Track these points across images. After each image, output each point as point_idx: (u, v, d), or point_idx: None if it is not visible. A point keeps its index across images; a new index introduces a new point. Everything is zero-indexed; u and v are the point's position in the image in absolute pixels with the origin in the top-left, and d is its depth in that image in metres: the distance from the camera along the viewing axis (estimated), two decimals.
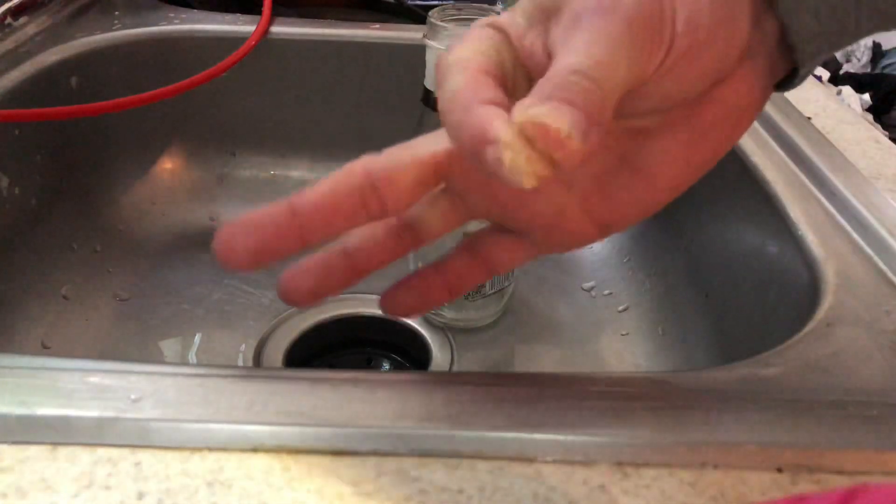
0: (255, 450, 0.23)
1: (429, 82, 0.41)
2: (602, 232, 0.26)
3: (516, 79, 0.23)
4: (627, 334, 0.50)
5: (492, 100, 0.20)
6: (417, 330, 0.48)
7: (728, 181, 0.44)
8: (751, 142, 0.45)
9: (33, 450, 0.23)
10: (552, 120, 0.18)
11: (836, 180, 0.40)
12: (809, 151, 0.43)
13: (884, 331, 0.29)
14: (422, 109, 0.42)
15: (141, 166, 0.58)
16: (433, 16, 0.39)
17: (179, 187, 0.60)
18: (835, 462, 0.24)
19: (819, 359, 0.28)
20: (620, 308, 0.51)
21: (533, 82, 0.20)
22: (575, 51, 0.20)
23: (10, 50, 0.51)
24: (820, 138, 0.45)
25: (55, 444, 0.23)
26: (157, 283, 0.52)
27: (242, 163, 0.62)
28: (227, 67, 0.52)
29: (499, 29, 0.23)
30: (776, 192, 0.40)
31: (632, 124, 0.24)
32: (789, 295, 0.36)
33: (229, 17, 0.60)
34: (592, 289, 0.54)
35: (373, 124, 0.61)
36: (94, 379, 0.25)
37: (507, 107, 0.19)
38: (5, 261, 0.45)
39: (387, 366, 0.49)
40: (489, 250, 0.27)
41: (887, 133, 0.54)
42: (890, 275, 0.33)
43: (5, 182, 0.46)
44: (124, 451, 0.23)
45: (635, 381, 0.27)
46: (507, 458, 0.23)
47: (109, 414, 0.23)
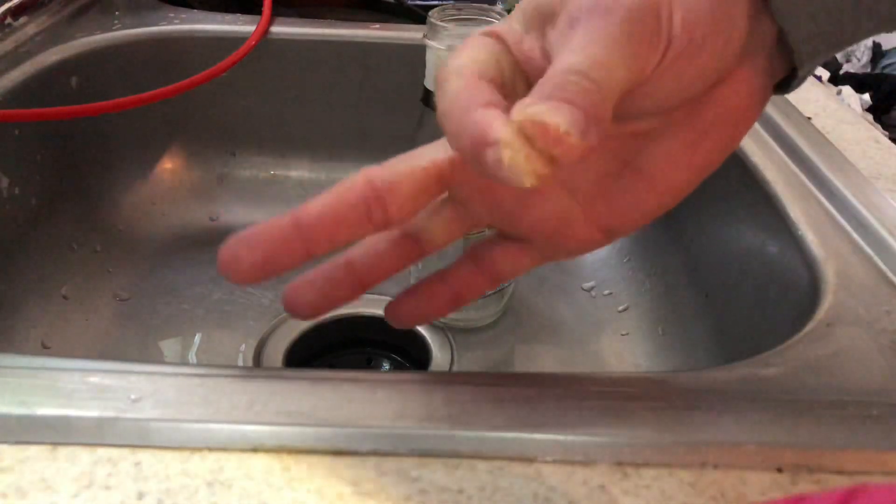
0: (255, 450, 0.23)
1: (429, 82, 0.41)
2: (607, 237, 0.26)
3: (515, 84, 0.23)
4: (627, 334, 0.50)
5: (490, 103, 0.20)
6: (417, 330, 0.48)
7: (728, 181, 0.44)
8: (751, 142, 0.45)
9: (33, 450, 0.23)
10: (551, 117, 0.18)
11: (836, 180, 0.40)
12: (809, 151, 0.43)
13: (884, 331, 0.29)
14: (422, 109, 0.42)
15: (141, 166, 0.58)
16: (433, 16, 0.39)
17: (179, 187, 0.60)
18: (835, 462, 0.24)
19: (819, 359, 0.28)
20: (620, 308, 0.51)
21: (532, 87, 0.20)
22: (573, 51, 0.20)
23: (10, 50, 0.51)
24: (820, 138, 0.45)
25: (55, 444, 0.23)
26: (157, 283, 0.52)
27: (242, 163, 0.61)
28: (227, 67, 0.52)
29: (496, 37, 0.23)
30: (776, 192, 0.40)
31: (633, 127, 0.24)
32: (789, 295, 0.36)
33: (229, 17, 0.60)
34: (592, 289, 0.54)
35: (373, 124, 0.61)
36: (94, 379, 0.25)
37: (506, 109, 0.19)
38: (5, 261, 0.45)
39: (387, 366, 0.49)
40: (494, 258, 0.27)
41: (887, 133, 0.54)
42: (890, 275, 0.33)
43: (5, 182, 0.46)
44: (124, 451, 0.23)
45: (635, 381, 0.27)
46: (507, 458, 0.23)
47: (109, 414, 0.23)
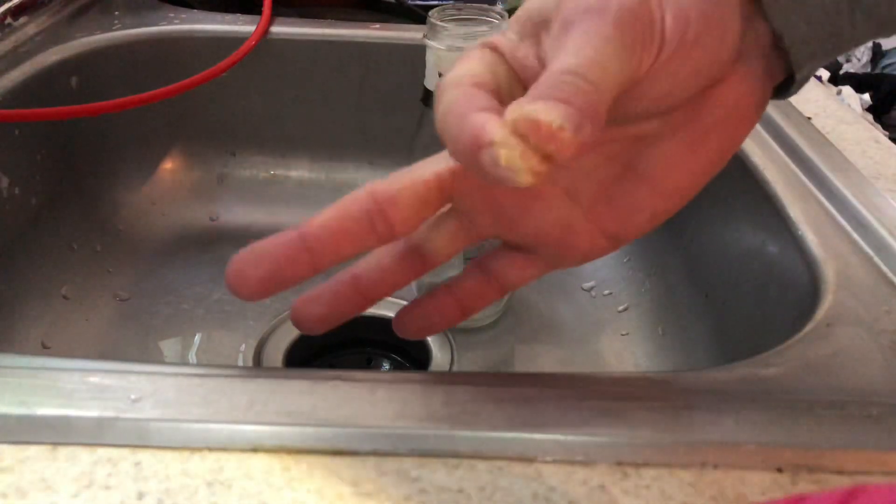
0: (255, 450, 0.23)
1: (429, 82, 0.41)
2: (613, 243, 0.26)
3: (513, 92, 0.23)
4: (627, 334, 0.50)
5: (485, 108, 0.20)
6: None
7: (728, 181, 0.44)
8: (751, 142, 0.45)
9: (33, 450, 0.23)
10: (544, 115, 0.18)
11: (836, 180, 0.40)
12: (809, 151, 0.43)
13: (884, 331, 0.29)
14: (422, 109, 0.42)
15: (141, 166, 0.58)
16: (433, 16, 0.39)
17: (179, 187, 0.60)
18: (835, 462, 0.24)
19: (819, 359, 0.28)
20: (620, 308, 0.51)
21: None
22: (567, 53, 0.20)
23: (10, 50, 0.51)
24: (820, 138, 0.45)
25: (55, 444, 0.23)
26: (157, 283, 0.52)
27: (242, 163, 0.61)
28: (227, 67, 0.52)
29: (491, 47, 0.23)
30: (776, 192, 0.40)
31: (633, 131, 0.24)
32: (789, 295, 0.36)
33: (229, 17, 0.60)
34: (592, 289, 0.54)
35: (373, 124, 0.61)
36: (94, 379, 0.25)
37: (502, 114, 0.19)
38: (6, 260, 0.45)
39: (387, 366, 0.49)
40: (500, 268, 0.27)
41: (887, 133, 0.54)
42: (890, 275, 0.33)
43: (5, 182, 0.46)
44: (124, 451, 0.23)
45: (635, 381, 0.27)
46: (507, 458, 0.23)
47: (109, 414, 0.23)
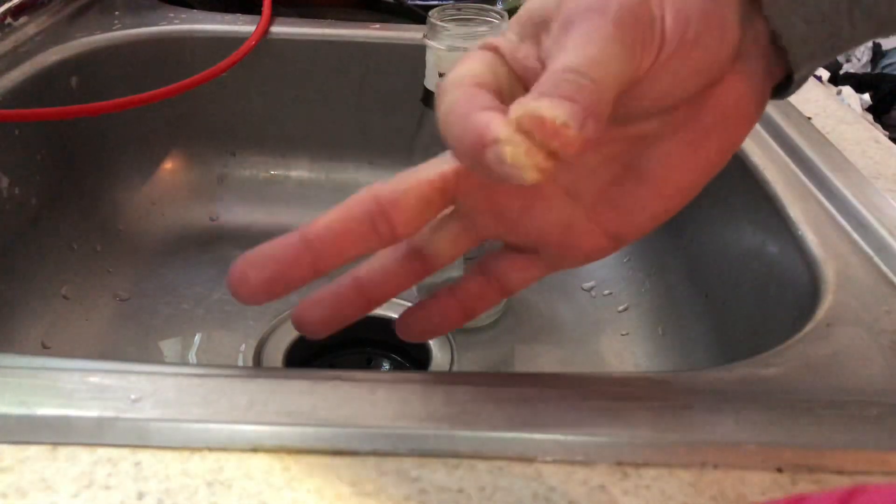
0: (255, 450, 0.23)
1: (429, 82, 0.41)
2: (614, 243, 0.26)
3: (514, 93, 0.23)
4: (627, 334, 0.50)
5: (488, 107, 0.20)
6: None
7: (728, 181, 0.44)
8: (751, 142, 0.45)
9: (33, 450, 0.23)
10: (548, 111, 0.18)
11: (836, 180, 0.40)
12: (809, 151, 0.43)
13: (884, 331, 0.29)
14: (422, 109, 0.42)
15: (141, 166, 0.58)
16: (433, 16, 0.39)
17: (179, 187, 0.60)
18: (835, 462, 0.24)
19: (819, 359, 0.28)
20: (620, 308, 0.51)
21: None
22: (568, 52, 0.20)
23: (10, 50, 0.51)
24: (820, 138, 0.45)
25: (55, 444, 0.23)
26: (157, 283, 0.52)
27: (242, 163, 0.61)
28: (227, 67, 0.52)
29: (492, 49, 0.23)
30: (776, 192, 0.40)
31: (634, 130, 0.24)
32: (789, 295, 0.36)
33: (229, 17, 0.60)
34: (592, 289, 0.54)
35: (373, 124, 0.61)
36: (94, 379, 0.25)
37: (505, 113, 0.19)
38: (5, 260, 0.45)
39: (387, 366, 0.49)
40: (502, 270, 0.27)
41: (887, 133, 0.54)
42: (890, 275, 0.33)
43: (5, 182, 0.46)
44: (124, 451, 0.23)
45: (635, 381, 0.27)
46: (507, 458, 0.23)
47: (109, 414, 0.23)
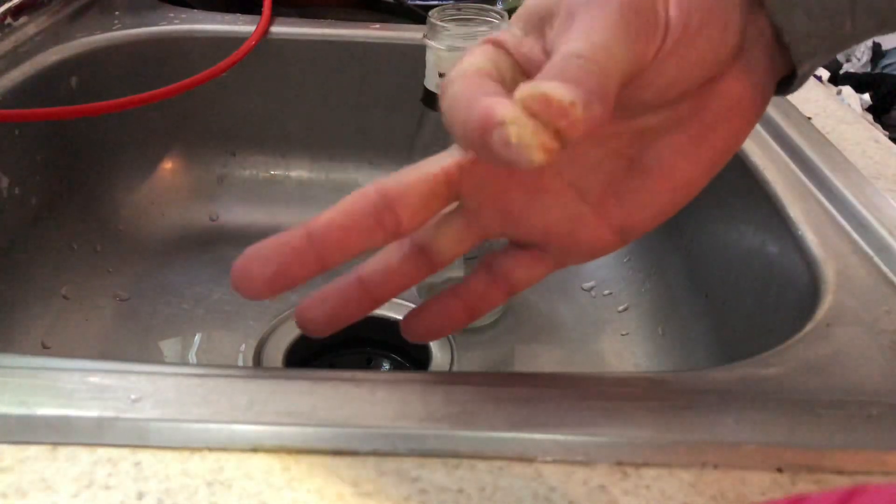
0: (255, 450, 0.23)
1: (429, 82, 0.41)
2: (620, 238, 0.26)
3: (517, 85, 0.23)
4: (627, 334, 0.50)
5: (492, 93, 0.20)
6: None
7: (728, 181, 0.44)
8: (751, 142, 0.45)
9: (33, 450, 0.23)
10: (555, 91, 0.18)
11: (836, 180, 0.40)
12: (809, 151, 0.43)
13: (884, 331, 0.29)
14: (422, 109, 0.42)
15: (141, 166, 0.58)
16: (433, 16, 0.39)
17: (179, 187, 0.60)
18: (835, 462, 0.24)
19: (819, 359, 0.28)
20: (620, 308, 0.51)
21: None
22: (573, 39, 0.20)
23: (9, 50, 0.51)
24: (820, 138, 0.45)
25: (55, 444, 0.23)
26: (157, 283, 0.52)
27: (242, 163, 0.61)
28: (227, 67, 0.52)
29: (495, 43, 0.23)
30: (776, 192, 0.40)
31: (638, 125, 0.24)
32: (789, 295, 0.36)
33: (229, 17, 0.60)
34: (592, 289, 0.54)
35: (373, 124, 0.60)
36: (94, 379, 0.25)
37: (509, 99, 0.19)
38: (6, 260, 0.45)
39: (387, 366, 0.49)
40: (507, 268, 0.27)
41: (887, 133, 0.54)
42: (890, 275, 0.33)
43: (5, 182, 0.46)
44: (124, 451, 0.23)
45: (635, 381, 0.27)
46: (507, 458, 0.23)
47: (109, 414, 0.23)
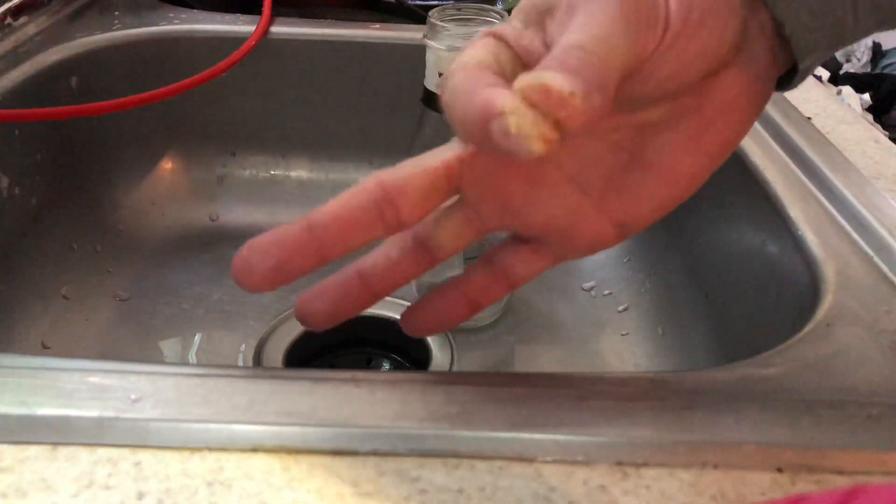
0: (255, 450, 0.23)
1: (429, 82, 0.41)
2: (620, 232, 0.26)
3: (517, 77, 0.23)
4: (627, 334, 0.50)
5: (492, 85, 0.20)
6: None
7: (728, 181, 0.44)
8: (751, 142, 0.45)
9: (33, 450, 0.23)
10: (554, 81, 0.18)
11: (836, 180, 0.40)
12: (809, 151, 0.43)
13: (884, 331, 0.29)
14: (422, 109, 0.42)
15: (141, 166, 0.58)
16: (433, 16, 0.39)
17: (179, 187, 0.60)
18: (835, 462, 0.24)
19: (819, 359, 0.28)
20: (620, 308, 0.51)
21: None
22: (573, 32, 0.20)
23: (9, 50, 0.51)
24: (820, 138, 0.45)
25: (55, 444, 0.23)
26: (157, 283, 0.52)
27: (242, 163, 0.61)
28: (227, 67, 0.52)
29: (496, 36, 0.23)
30: (776, 192, 0.40)
31: (639, 118, 0.24)
32: (789, 295, 0.36)
33: (229, 17, 0.60)
34: (592, 289, 0.54)
35: (373, 124, 0.61)
36: (94, 379, 0.25)
37: (509, 89, 0.19)
38: (5, 261, 0.45)
39: (387, 366, 0.49)
40: (508, 262, 0.27)
41: (887, 133, 0.54)
42: (890, 275, 0.33)
43: (5, 182, 0.46)
44: (124, 451, 0.23)
45: (635, 381, 0.27)
46: (507, 458, 0.23)
47: (109, 414, 0.23)
